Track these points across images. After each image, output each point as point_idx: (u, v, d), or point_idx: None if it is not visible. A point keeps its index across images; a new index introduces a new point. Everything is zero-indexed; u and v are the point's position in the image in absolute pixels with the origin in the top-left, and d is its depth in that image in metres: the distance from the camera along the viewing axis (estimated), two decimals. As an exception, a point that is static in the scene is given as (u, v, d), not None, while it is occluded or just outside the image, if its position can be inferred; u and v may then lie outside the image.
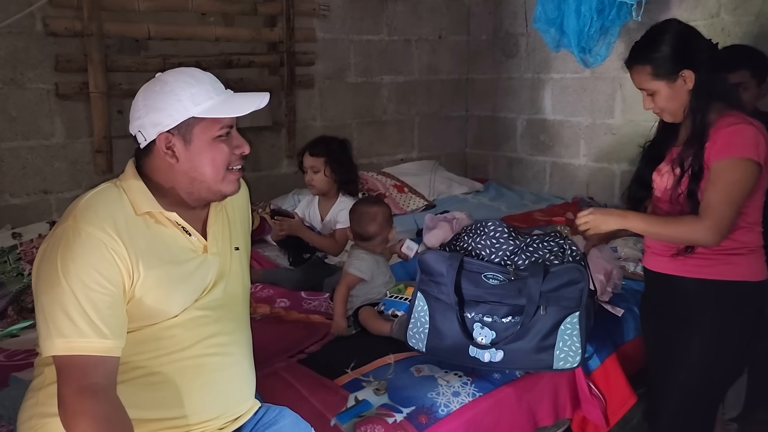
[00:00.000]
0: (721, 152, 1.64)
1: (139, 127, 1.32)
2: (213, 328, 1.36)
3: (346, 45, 3.79)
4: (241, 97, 1.38)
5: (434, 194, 3.79)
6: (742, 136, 1.63)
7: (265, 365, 1.81)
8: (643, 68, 1.74)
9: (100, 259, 1.20)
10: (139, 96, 1.34)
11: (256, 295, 2.45)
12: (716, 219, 1.62)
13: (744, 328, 1.76)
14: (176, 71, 1.36)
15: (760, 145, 1.62)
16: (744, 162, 1.61)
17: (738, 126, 1.64)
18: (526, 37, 3.93)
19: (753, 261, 1.74)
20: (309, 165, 2.62)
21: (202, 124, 1.32)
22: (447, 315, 1.79)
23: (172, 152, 1.32)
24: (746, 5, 2.92)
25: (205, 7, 3.22)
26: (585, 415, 1.95)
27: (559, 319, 1.70)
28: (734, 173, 1.62)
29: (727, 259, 1.71)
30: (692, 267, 1.74)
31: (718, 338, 1.74)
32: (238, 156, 1.38)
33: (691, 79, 1.70)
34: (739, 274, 1.72)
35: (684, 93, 1.71)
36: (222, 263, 1.42)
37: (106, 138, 2.98)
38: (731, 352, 1.77)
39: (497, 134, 4.25)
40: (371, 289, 2.18)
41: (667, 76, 1.71)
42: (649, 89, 1.75)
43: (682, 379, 1.78)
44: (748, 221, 1.71)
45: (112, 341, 1.18)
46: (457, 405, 1.69)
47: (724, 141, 1.64)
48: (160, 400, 1.27)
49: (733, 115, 1.68)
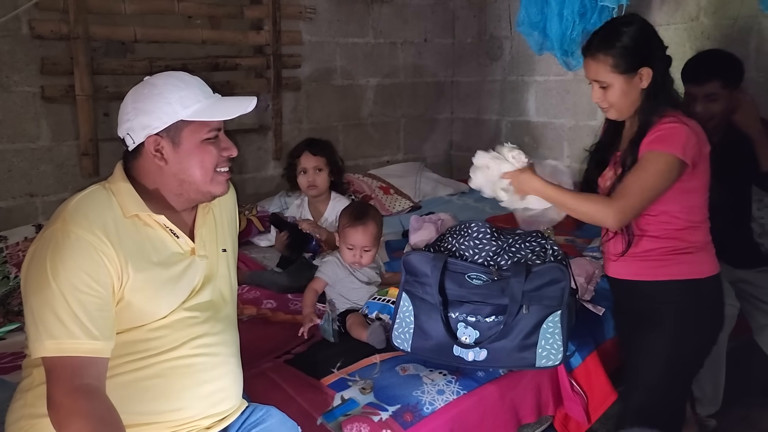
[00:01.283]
0: (649, 145, 1.68)
1: (128, 129, 1.34)
2: (200, 329, 1.38)
3: (332, 48, 3.81)
4: (229, 101, 1.40)
5: (420, 195, 3.82)
6: (672, 133, 1.67)
7: (252, 365, 1.83)
8: (604, 59, 1.72)
9: (89, 261, 1.21)
10: (128, 99, 1.36)
11: (243, 296, 2.47)
12: (624, 204, 1.67)
13: (702, 323, 1.82)
14: (165, 75, 1.38)
15: (688, 144, 1.66)
16: (667, 156, 1.66)
17: (671, 124, 1.68)
18: (510, 40, 3.98)
19: (703, 258, 1.80)
20: (312, 165, 2.60)
21: (190, 127, 1.34)
22: (431, 315, 1.82)
23: (160, 155, 1.34)
24: (725, 9, 2.98)
25: (191, 10, 3.22)
26: (567, 412, 1.98)
27: (542, 317, 1.74)
28: (655, 165, 1.66)
29: (678, 258, 1.77)
30: (646, 270, 1.80)
31: (678, 336, 1.79)
32: (225, 158, 1.41)
33: (648, 77, 1.72)
34: (690, 272, 1.78)
35: (637, 91, 1.73)
36: (209, 265, 1.44)
37: (92, 141, 2.98)
38: (693, 349, 1.83)
39: (482, 136, 4.29)
40: (349, 291, 2.17)
41: (626, 70, 1.71)
42: (604, 81, 1.74)
43: (645, 377, 1.84)
44: (694, 220, 1.77)
45: (102, 342, 1.20)
46: (441, 403, 1.72)
47: (655, 136, 1.68)
48: (147, 399, 1.29)
49: (672, 114, 1.71)
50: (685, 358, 1.83)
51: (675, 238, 1.75)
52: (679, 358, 1.81)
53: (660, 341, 1.80)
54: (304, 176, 2.64)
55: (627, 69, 1.71)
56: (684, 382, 1.93)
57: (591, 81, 1.78)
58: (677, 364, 1.81)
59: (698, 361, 1.92)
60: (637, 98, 1.74)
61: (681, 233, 1.75)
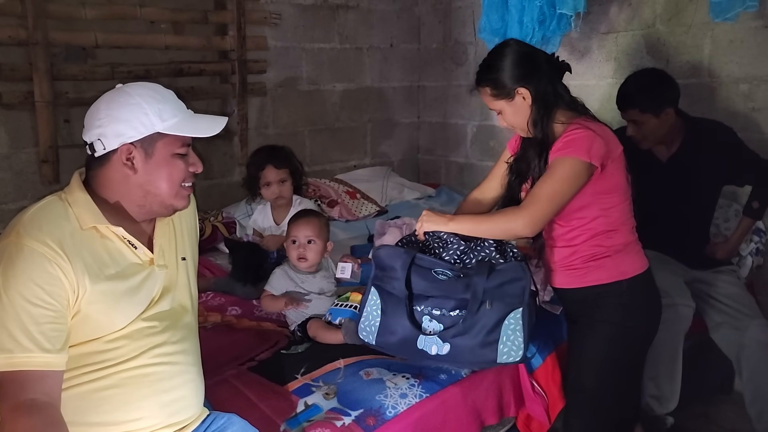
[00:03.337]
0: (555, 153, 1.77)
1: (100, 135, 1.33)
2: (159, 338, 1.38)
3: (298, 53, 3.81)
4: (203, 119, 1.43)
5: (387, 200, 3.84)
6: (576, 138, 1.75)
7: (215, 373, 1.83)
8: (484, 90, 1.86)
9: (43, 274, 1.20)
10: (101, 104, 1.35)
11: (207, 303, 2.46)
12: (533, 210, 1.74)
13: (633, 322, 1.88)
14: (140, 85, 1.39)
15: (593, 147, 1.73)
16: (572, 161, 1.73)
17: (575, 131, 1.76)
18: (474, 45, 4.03)
19: (623, 259, 1.86)
20: (277, 178, 2.62)
21: (165, 140, 1.35)
22: (397, 309, 1.83)
23: (131, 164, 1.34)
24: (679, 16, 3.07)
25: (154, 15, 3.19)
26: (529, 413, 2.02)
27: (503, 314, 1.76)
28: (561, 170, 1.74)
29: (598, 263, 1.85)
30: (574, 279, 1.89)
31: (611, 338, 1.87)
32: (191, 173, 1.42)
33: (527, 94, 1.81)
34: (611, 276, 1.85)
35: (526, 108, 1.83)
36: (169, 275, 1.44)
37: (52, 148, 2.93)
38: (625, 349, 1.89)
39: (448, 140, 4.34)
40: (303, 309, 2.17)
41: (505, 95, 1.83)
42: (494, 108, 1.88)
43: (581, 380, 1.92)
44: (612, 223, 1.83)
45: (54, 355, 1.19)
46: (404, 406, 1.73)
47: (561, 145, 1.77)
48: (105, 410, 1.29)
49: (576, 122, 1.80)
50: (620, 359, 1.90)
51: (595, 244, 1.83)
52: (613, 359, 1.88)
53: (592, 344, 1.88)
54: (269, 188, 2.64)
55: (504, 94, 1.83)
56: (626, 382, 1.98)
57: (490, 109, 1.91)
58: (612, 364, 1.88)
59: (636, 361, 1.99)
60: (528, 114, 1.83)
61: (597, 239, 1.83)
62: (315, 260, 2.21)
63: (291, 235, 2.21)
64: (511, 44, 1.87)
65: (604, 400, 1.92)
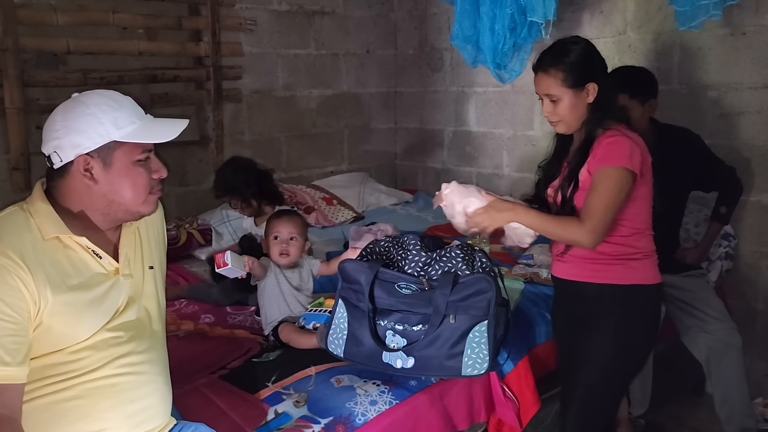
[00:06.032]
0: (599, 162, 1.78)
1: (56, 147, 1.31)
2: (125, 348, 1.36)
3: (274, 59, 3.81)
4: (162, 123, 1.41)
5: (363, 206, 3.84)
6: (618, 146, 1.76)
7: (186, 382, 1.82)
8: (555, 73, 1.81)
9: (3, 285, 1.19)
10: (57, 116, 1.34)
11: (180, 311, 2.45)
12: (595, 223, 1.75)
13: (643, 328, 1.89)
14: (96, 93, 1.38)
15: (634, 156, 1.76)
16: (618, 170, 1.75)
17: (615, 138, 1.78)
18: (450, 51, 4.05)
19: (648, 265, 1.87)
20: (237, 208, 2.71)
21: (123, 148, 1.34)
22: (363, 322, 1.84)
23: (90, 174, 1.33)
24: (649, 24, 3.12)
25: (127, 21, 3.17)
26: (500, 418, 2.03)
27: (468, 327, 1.77)
28: (610, 180, 1.75)
29: (625, 263, 1.84)
30: (593, 273, 1.86)
31: (619, 338, 1.86)
32: (156, 180, 1.41)
33: (594, 92, 1.82)
34: (636, 278, 1.85)
35: (584, 105, 1.83)
36: (135, 284, 1.43)
37: (23, 155, 2.91)
38: (632, 351, 1.90)
39: (425, 146, 4.36)
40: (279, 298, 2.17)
41: (575, 85, 1.81)
42: (554, 95, 1.83)
43: (587, 377, 1.89)
44: (639, 228, 1.85)
45: (15, 368, 1.18)
46: (374, 413, 1.74)
47: (603, 152, 1.78)
48: (68, 422, 1.27)
49: (615, 128, 1.82)
50: (625, 360, 1.90)
51: (623, 244, 1.83)
52: (620, 359, 1.88)
53: (602, 342, 1.86)
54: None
55: (575, 83, 1.81)
56: (622, 383, 2.01)
57: (541, 96, 1.87)
58: (617, 364, 1.88)
59: (637, 364, 2.00)
60: (583, 113, 1.84)
61: (628, 239, 1.83)
62: (296, 256, 2.23)
63: (274, 231, 2.21)
64: (583, 39, 1.88)
65: (607, 398, 1.93)
